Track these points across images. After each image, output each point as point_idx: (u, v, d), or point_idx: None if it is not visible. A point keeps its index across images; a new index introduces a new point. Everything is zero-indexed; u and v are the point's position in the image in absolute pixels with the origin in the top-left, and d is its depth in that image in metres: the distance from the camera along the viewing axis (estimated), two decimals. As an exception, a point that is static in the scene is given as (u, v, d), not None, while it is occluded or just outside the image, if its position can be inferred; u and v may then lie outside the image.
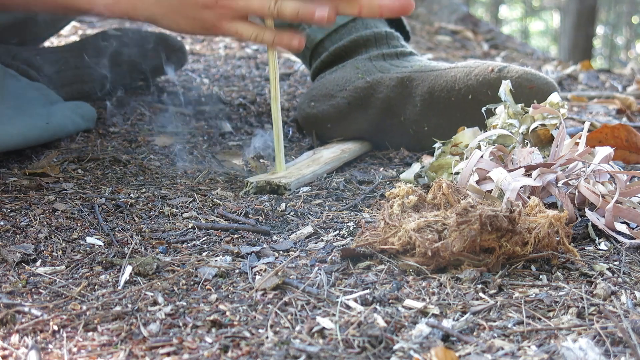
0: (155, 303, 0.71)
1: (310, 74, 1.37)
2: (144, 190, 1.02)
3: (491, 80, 1.14)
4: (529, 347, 0.64)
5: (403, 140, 1.24)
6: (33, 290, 0.74)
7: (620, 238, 0.85)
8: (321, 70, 1.33)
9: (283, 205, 0.96)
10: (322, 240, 0.85)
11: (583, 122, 1.09)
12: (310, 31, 1.33)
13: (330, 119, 1.27)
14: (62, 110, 1.17)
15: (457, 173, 0.99)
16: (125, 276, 0.76)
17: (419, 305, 0.70)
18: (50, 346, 0.64)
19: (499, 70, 1.14)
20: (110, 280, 0.76)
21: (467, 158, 0.98)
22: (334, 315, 0.69)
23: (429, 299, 0.72)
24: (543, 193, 0.91)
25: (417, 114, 1.21)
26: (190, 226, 0.91)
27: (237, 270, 0.77)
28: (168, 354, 0.63)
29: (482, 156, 0.93)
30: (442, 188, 0.82)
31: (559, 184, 0.91)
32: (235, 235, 0.87)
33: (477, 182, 0.93)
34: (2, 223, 0.89)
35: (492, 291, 0.74)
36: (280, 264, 0.78)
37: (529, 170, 0.92)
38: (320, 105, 1.27)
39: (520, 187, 0.88)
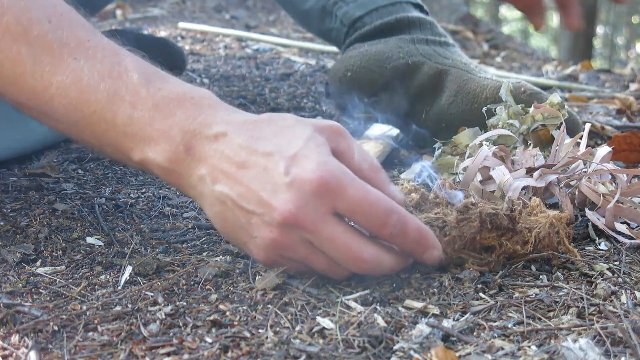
0: (155, 303, 0.71)
1: (343, 47, 1.37)
2: (144, 190, 1.02)
3: (520, 99, 1.13)
4: (529, 347, 0.64)
5: (419, 131, 1.25)
6: (33, 290, 0.74)
7: (620, 238, 0.85)
8: (358, 42, 1.34)
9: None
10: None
11: (584, 123, 1.09)
12: (349, 8, 1.33)
13: (362, 91, 1.28)
14: None
15: (460, 173, 0.99)
16: (125, 276, 0.76)
17: (419, 305, 0.70)
18: (50, 346, 0.64)
19: (530, 94, 1.14)
20: (110, 280, 0.76)
21: (469, 156, 0.98)
22: (334, 315, 0.69)
23: (429, 299, 0.72)
24: (546, 194, 0.91)
25: (440, 109, 1.21)
26: (190, 226, 0.91)
27: (237, 270, 0.77)
28: (168, 354, 0.63)
29: (487, 155, 0.93)
30: (445, 187, 0.82)
31: (561, 185, 0.91)
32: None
33: (481, 181, 0.93)
34: (2, 223, 0.89)
35: (492, 291, 0.74)
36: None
37: (530, 171, 0.92)
38: (356, 77, 1.28)
39: (523, 188, 0.88)
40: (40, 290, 0.74)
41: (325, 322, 0.67)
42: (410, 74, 1.24)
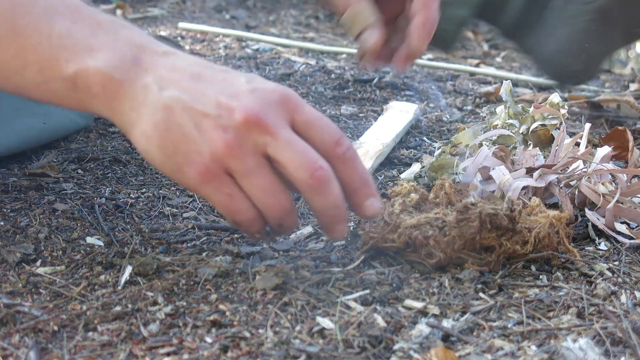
0: (155, 303, 0.71)
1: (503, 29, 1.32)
2: (144, 190, 1.02)
3: None
4: (529, 347, 0.64)
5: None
6: (33, 290, 0.74)
7: (620, 238, 0.85)
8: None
9: (283, 205, 0.96)
10: (322, 240, 0.85)
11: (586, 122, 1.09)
12: None
13: None
14: (60, 109, 1.16)
15: (461, 173, 0.99)
16: (125, 276, 0.76)
17: (419, 305, 0.70)
18: (50, 346, 0.64)
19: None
20: (110, 280, 0.76)
21: (470, 156, 0.98)
22: (334, 315, 0.69)
23: (429, 299, 0.72)
24: (546, 194, 0.91)
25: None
26: (190, 226, 0.91)
27: (237, 270, 0.77)
28: (168, 354, 0.63)
29: (487, 155, 0.93)
30: (445, 187, 0.82)
31: (561, 185, 0.91)
32: (235, 235, 0.87)
33: (480, 181, 0.93)
34: (2, 223, 0.89)
35: (492, 291, 0.74)
36: (280, 264, 0.78)
37: (530, 171, 0.92)
38: None
39: (523, 188, 0.88)
40: (40, 290, 0.74)
41: (325, 322, 0.67)
42: None
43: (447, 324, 0.68)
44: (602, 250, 0.84)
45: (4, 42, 0.69)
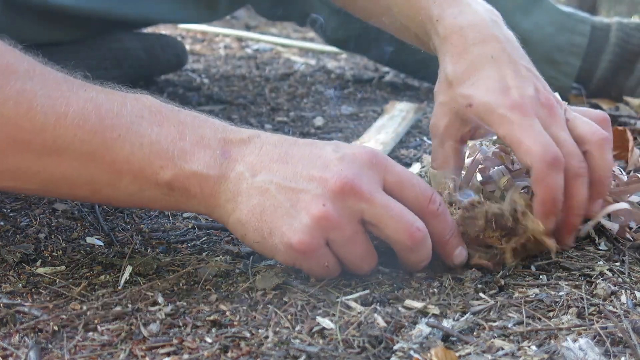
0: (155, 303, 0.71)
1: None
2: (144, 190, 1.02)
3: None
4: (529, 347, 0.64)
5: None
6: (33, 290, 0.74)
7: (620, 238, 0.85)
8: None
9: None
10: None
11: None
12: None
13: None
14: None
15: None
16: (125, 276, 0.76)
17: (419, 305, 0.70)
18: (50, 346, 0.64)
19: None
20: (110, 280, 0.76)
21: (469, 156, 0.98)
22: (334, 315, 0.69)
23: (429, 299, 0.72)
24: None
25: None
26: (190, 226, 0.91)
27: (237, 270, 0.77)
28: (168, 354, 0.63)
29: (485, 155, 0.93)
30: (449, 187, 0.82)
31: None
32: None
33: (480, 181, 0.93)
34: (2, 223, 0.89)
35: (492, 291, 0.74)
36: (280, 264, 0.78)
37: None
38: None
39: (523, 188, 0.88)
40: (40, 290, 0.74)
41: (325, 322, 0.67)
42: None
43: (447, 324, 0.68)
44: (602, 250, 0.84)
45: (95, 157, 0.69)
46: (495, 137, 1.05)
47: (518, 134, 0.77)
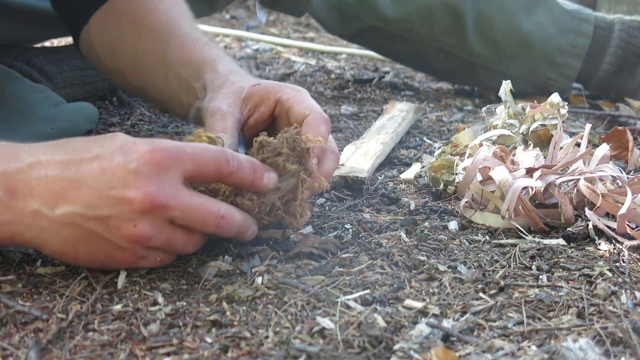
0: (155, 303, 0.71)
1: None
2: (144, 190, 1.02)
3: None
4: (529, 347, 0.64)
5: None
6: (33, 290, 0.74)
7: (620, 238, 0.85)
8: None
9: (283, 205, 0.96)
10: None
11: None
12: None
13: None
14: (66, 113, 1.17)
15: (460, 173, 0.99)
16: (125, 276, 0.76)
17: (419, 305, 0.70)
18: (50, 346, 0.64)
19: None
20: (110, 280, 0.76)
21: (469, 156, 0.98)
22: (334, 315, 0.69)
23: (429, 299, 0.72)
24: (546, 194, 0.91)
25: None
26: (190, 226, 0.90)
27: (237, 270, 0.77)
28: (168, 354, 0.63)
29: (486, 155, 0.93)
30: (226, 144, 0.84)
31: (561, 185, 0.91)
32: (235, 235, 0.87)
33: (480, 181, 0.93)
34: (2, 223, 0.89)
35: (492, 291, 0.74)
36: (280, 264, 0.78)
37: (530, 171, 0.92)
38: None
39: (523, 188, 0.88)
40: (40, 290, 0.74)
41: (325, 322, 0.67)
42: None
43: (447, 324, 0.68)
44: (602, 250, 0.84)
45: None
46: (495, 137, 1.05)
47: (301, 96, 0.91)
